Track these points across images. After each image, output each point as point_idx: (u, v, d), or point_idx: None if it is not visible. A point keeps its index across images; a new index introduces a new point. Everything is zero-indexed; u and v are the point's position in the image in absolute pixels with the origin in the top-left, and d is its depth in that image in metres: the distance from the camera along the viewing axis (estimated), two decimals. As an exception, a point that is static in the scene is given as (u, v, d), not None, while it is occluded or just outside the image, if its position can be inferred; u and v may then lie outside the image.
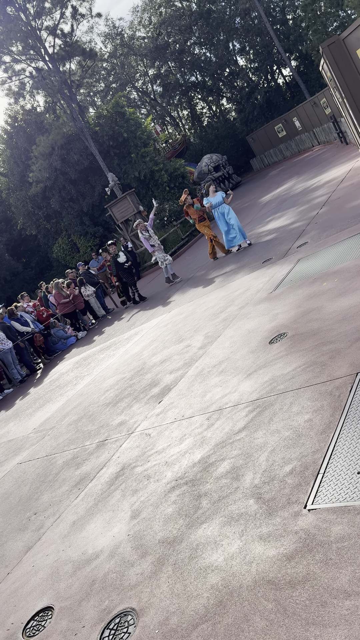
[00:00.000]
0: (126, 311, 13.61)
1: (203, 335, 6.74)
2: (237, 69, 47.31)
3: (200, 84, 49.40)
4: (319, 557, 2.30)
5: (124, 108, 29.12)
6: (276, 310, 5.84)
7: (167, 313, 9.74)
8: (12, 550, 4.23)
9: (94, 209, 30.41)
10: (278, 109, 43.12)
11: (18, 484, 5.70)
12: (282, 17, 43.92)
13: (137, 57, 49.35)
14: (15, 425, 8.52)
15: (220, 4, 44.84)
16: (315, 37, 36.77)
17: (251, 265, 9.23)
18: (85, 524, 3.89)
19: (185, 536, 3.03)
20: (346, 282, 5.32)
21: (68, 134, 29.00)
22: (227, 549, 2.71)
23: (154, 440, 4.59)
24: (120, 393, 6.58)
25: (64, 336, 14.03)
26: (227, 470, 3.40)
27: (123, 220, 22.18)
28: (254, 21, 43.86)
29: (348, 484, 2.62)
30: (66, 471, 5.17)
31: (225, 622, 2.28)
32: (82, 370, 9.49)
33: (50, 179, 29.43)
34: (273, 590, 2.29)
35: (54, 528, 4.14)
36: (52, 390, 9.44)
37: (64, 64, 30.80)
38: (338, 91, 11.18)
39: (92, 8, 31.20)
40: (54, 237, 33.25)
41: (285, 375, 4.17)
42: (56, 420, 7.26)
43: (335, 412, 3.28)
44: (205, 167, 33.50)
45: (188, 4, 46.39)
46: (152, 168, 28.37)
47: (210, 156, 34.17)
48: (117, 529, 3.56)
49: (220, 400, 4.49)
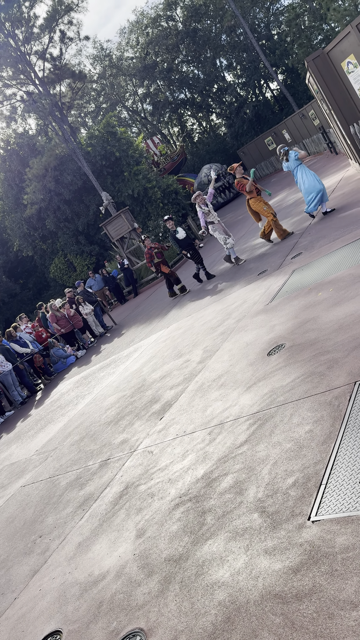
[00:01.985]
0: (125, 328, 13.64)
1: (202, 350, 6.76)
2: (225, 85, 47.97)
3: (189, 100, 50.04)
4: (325, 568, 2.30)
5: (115, 128, 29.47)
6: (273, 322, 5.87)
7: (166, 328, 9.77)
8: (19, 574, 4.20)
9: (89, 228, 30.62)
10: (267, 122, 43.66)
11: (22, 507, 5.67)
12: (267, 33, 44.67)
13: (126, 77, 50.05)
14: (18, 448, 8.49)
15: (205, 22, 45.64)
16: (301, 50, 37.35)
17: (247, 277, 9.28)
18: (91, 545, 3.87)
19: (191, 553, 3.03)
20: (341, 292, 5.36)
21: (61, 155, 29.30)
22: (233, 565, 2.70)
23: (156, 457, 4.59)
24: (121, 411, 6.58)
25: (64, 355, 14.04)
26: (230, 485, 3.40)
27: (118, 238, 22.31)
28: (240, 37, 44.61)
29: (350, 494, 2.63)
30: (70, 492, 5.15)
31: (234, 639, 2.27)
32: (83, 390, 9.48)
33: (44, 200, 29.67)
34: (280, 604, 2.29)
35: (60, 550, 4.11)
36: (53, 411, 9.43)
37: (54, 87, 31.22)
38: (325, 103, 11.35)
39: (80, 32, 31.80)
40: (50, 257, 33.41)
41: (284, 387, 4.19)
42: (58, 441, 7.25)
43: (335, 422, 3.30)
44: (205, 178, 33.47)
45: (174, 24, 47.20)
46: (145, 185, 28.62)
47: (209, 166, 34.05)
48: (123, 548, 3.55)
49: (221, 415, 4.50)
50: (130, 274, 20.47)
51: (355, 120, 10.22)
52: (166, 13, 47.12)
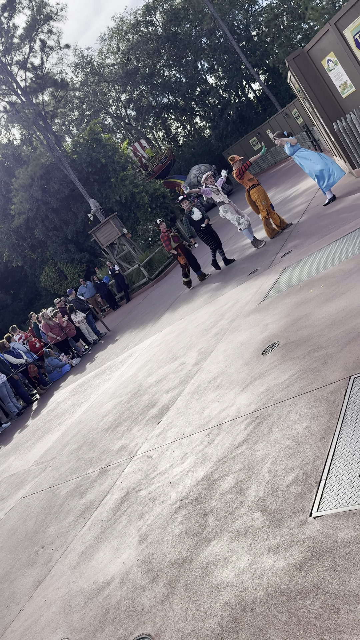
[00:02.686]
0: (119, 334, 13.62)
1: (196, 352, 6.77)
2: (207, 88, 48.16)
3: (172, 104, 50.20)
4: (328, 563, 2.31)
5: (99, 134, 29.49)
6: (266, 321, 5.89)
7: (159, 332, 9.77)
8: (23, 586, 4.18)
9: (78, 235, 30.58)
10: (251, 122, 43.86)
11: (23, 518, 5.64)
12: (247, 34, 44.93)
13: (109, 84, 50.13)
14: (16, 459, 8.45)
15: (185, 26, 45.83)
16: (281, 50, 37.61)
17: (238, 278, 9.30)
18: (94, 553, 3.85)
19: (194, 556, 3.02)
20: (332, 287, 5.38)
21: (46, 164, 29.27)
22: (237, 565, 2.70)
23: (156, 461, 4.58)
24: (118, 417, 6.56)
25: (59, 364, 14.00)
26: (230, 485, 3.40)
27: (108, 244, 22.30)
28: (220, 40, 44.82)
29: (351, 487, 2.64)
30: (70, 501, 5.13)
31: (242, 639, 2.27)
32: (79, 398, 9.45)
33: (32, 210, 29.61)
34: (286, 601, 2.29)
35: (63, 560, 4.09)
36: (50, 421, 9.39)
37: (37, 96, 31.22)
38: (307, 101, 11.42)
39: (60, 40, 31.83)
40: (40, 267, 33.33)
41: (280, 385, 4.20)
42: (56, 450, 7.22)
43: (332, 417, 3.31)
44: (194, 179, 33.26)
45: (154, 29, 47.36)
46: (132, 190, 28.65)
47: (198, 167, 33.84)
48: (126, 554, 3.54)
49: (218, 416, 4.50)
50: (122, 279, 20.46)
51: (337, 117, 10.29)
52: (145, 18, 47.30)
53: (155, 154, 39.23)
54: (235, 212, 10.76)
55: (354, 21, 8.72)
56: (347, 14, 8.77)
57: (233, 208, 10.79)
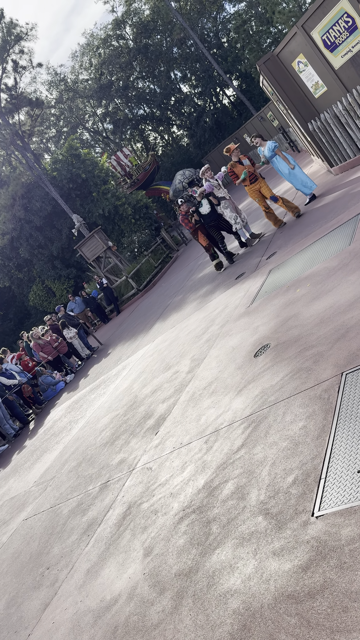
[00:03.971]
0: (111, 347, 13.58)
1: (189, 359, 6.76)
2: (182, 97, 48.53)
3: (149, 115, 50.50)
4: (334, 562, 2.30)
5: (78, 150, 29.56)
6: (256, 323, 5.90)
7: (151, 342, 9.75)
8: (30, 609, 4.12)
9: (64, 251, 30.54)
10: (228, 128, 44.22)
11: (26, 540, 5.58)
12: (217, 41, 45.40)
13: (84, 99, 50.36)
14: (16, 481, 8.37)
15: (155, 37, 46.23)
16: (252, 55, 38.02)
17: (225, 282, 9.33)
18: (100, 570, 3.82)
19: (200, 565, 3.00)
20: (318, 286, 5.41)
21: (27, 183, 29.27)
22: (243, 571, 2.69)
23: (156, 473, 4.56)
24: (116, 431, 6.53)
25: (53, 382, 13.92)
26: (232, 491, 3.39)
27: (94, 258, 22.29)
28: (191, 49, 45.25)
29: (350, 484, 2.64)
30: (73, 520, 5.09)
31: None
32: (75, 414, 9.40)
33: (15, 230, 29.55)
34: (294, 604, 2.28)
35: (69, 580, 4.05)
36: (48, 440, 9.32)
37: (13, 116, 31.27)
38: (281, 103, 11.54)
39: (32, 59, 31.89)
40: (28, 286, 33.20)
41: (274, 386, 4.20)
42: (56, 469, 7.16)
43: (327, 415, 3.31)
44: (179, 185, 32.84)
45: (125, 42, 47.72)
46: (115, 203, 28.70)
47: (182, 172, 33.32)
48: (132, 569, 3.51)
49: (215, 422, 4.49)
50: (111, 292, 20.45)
51: (312, 117, 10.40)
52: (116, 32, 47.65)
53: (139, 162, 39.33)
54: (234, 210, 10.43)
55: (320, 22, 8.85)
56: (314, 16, 8.90)
57: (232, 205, 10.48)
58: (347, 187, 8.50)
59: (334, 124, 9.62)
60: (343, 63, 8.98)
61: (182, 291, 12.39)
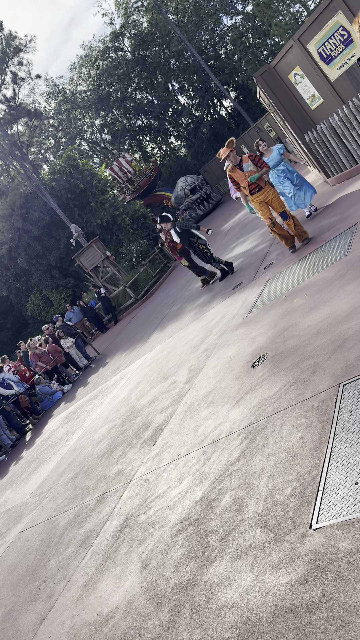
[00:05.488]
0: (109, 356, 13.56)
1: (187, 369, 6.75)
2: (180, 108, 48.89)
3: (146, 126, 50.82)
4: (331, 575, 2.29)
5: (76, 160, 29.70)
6: (254, 334, 5.91)
7: (149, 352, 9.74)
8: (26, 623, 4.08)
9: (62, 261, 30.58)
10: (225, 139, 44.48)
11: (23, 553, 5.53)
12: (214, 53, 45.84)
13: (82, 110, 50.67)
14: (13, 493, 8.31)
15: (153, 49, 46.63)
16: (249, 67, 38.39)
17: (223, 292, 9.35)
18: (97, 584, 3.78)
19: (197, 578, 2.98)
20: (315, 296, 5.43)
21: (25, 193, 29.36)
22: (241, 584, 2.67)
23: (153, 485, 4.53)
24: (113, 442, 6.50)
25: (50, 392, 13.87)
26: (229, 503, 3.37)
27: (92, 267, 22.32)
28: (189, 60, 45.66)
29: (348, 496, 2.63)
30: (70, 532, 5.05)
31: (250, 661, 2.23)
32: (73, 425, 9.36)
33: (14, 239, 29.60)
34: (292, 618, 2.26)
35: (66, 593, 4.01)
36: (45, 450, 9.27)
37: (11, 127, 31.43)
38: (278, 115, 11.64)
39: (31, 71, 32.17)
40: (25, 295, 33.18)
41: (271, 397, 4.20)
42: (53, 480, 7.12)
43: (324, 426, 3.31)
44: (181, 191, 32.15)
45: (123, 54, 48.13)
46: (113, 213, 28.80)
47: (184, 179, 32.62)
48: (129, 582, 3.48)
49: (212, 433, 4.48)
50: (108, 302, 20.45)
51: (308, 129, 10.48)
52: (114, 44, 48.06)
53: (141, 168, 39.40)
54: None
55: (316, 35, 8.95)
56: (310, 29, 9.00)
57: None
58: (344, 198, 8.54)
59: (330, 135, 9.70)
60: (339, 75, 9.07)
61: (180, 301, 12.41)
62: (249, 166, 7.81)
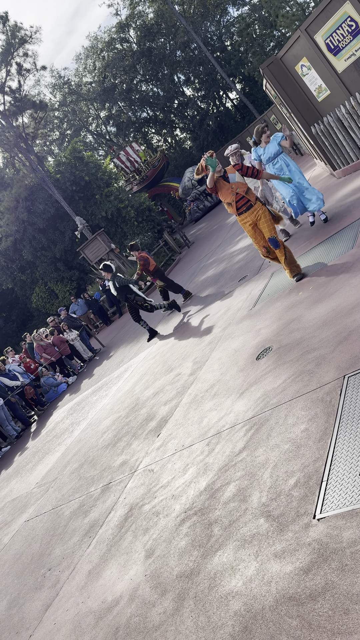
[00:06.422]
0: (113, 349, 13.60)
1: (191, 362, 6.77)
2: (185, 100, 48.64)
3: (152, 118, 50.61)
4: (335, 565, 2.31)
5: (81, 153, 29.63)
6: (258, 326, 5.91)
7: (154, 344, 9.76)
8: (31, 610, 4.13)
9: (66, 253, 30.59)
10: (231, 131, 44.30)
11: (28, 541, 5.59)
12: (220, 45, 45.52)
13: (87, 102, 50.51)
14: (18, 483, 8.38)
15: (159, 40, 46.36)
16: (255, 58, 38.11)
17: (228, 285, 9.34)
18: (101, 572, 3.82)
19: (201, 567, 3.01)
20: (320, 289, 5.42)
21: (30, 185, 29.34)
22: (245, 573, 2.69)
23: (157, 475, 4.56)
24: (118, 433, 6.54)
25: (55, 384, 13.93)
26: (233, 493, 3.39)
27: (97, 260, 22.33)
28: (194, 52, 45.36)
29: (352, 487, 2.64)
30: (74, 521, 5.09)
31: (254, 648, 2.25)
32: (77, 416, 9.41)
33: (19, 232, 29.62)
34: (295, 606, 2.28)
35: (70, 581, 4.06)
36: (50, 441, 9.33)
37: (17, 119, 31.36)
38: (284, 107, 11.57)
39: (36, 62, 32.00)
40: (30, 288, 33.25)
41: (276, 389, 4.21)
42: (57, 471, 7.17)
43: (329, 417, 3.32)
44: (188, 182, 31.94)
45: (128, 45, 47.87)
46: (117, 206, 28.76)
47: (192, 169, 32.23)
48: (134, 571, 3.51)
49: (217, 424, 4.50)
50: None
51: (315, 121, 10.41)
52: (120, 35, 47.81)
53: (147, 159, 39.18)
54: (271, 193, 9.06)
55: (323, 26, 8.87)
56: (317, 20, 8.92)
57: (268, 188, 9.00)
58: (350, 190, 8.50)
59: (337, 128, 9.63)
60: (346, 67, 9.00)
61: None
62: (236, 177, 6.37)
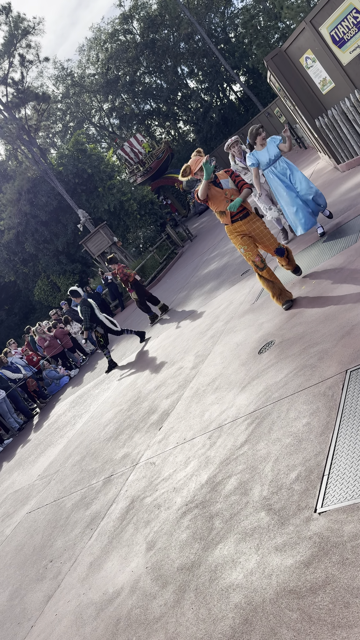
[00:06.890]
0: (115, 342, 13.61)
1: (193, 355, 6.77)
2: (189, 92, 48.36)
3: (155, 111, 50.35)
4: (336, 558, 2.31)
5: (84, 145, 29.52)
6: (261, 320, 5.90)
7: (156, 338, 9.77)
8: (33, 601, 4.16)
9: (69, 246, 30.56)
10: (234, 124, 44.05)
11: (30, 533, 5.62)
12: (224, 37, 45.17)
13: (90, 94, 50.26)
14: (20, 475, 8.41)
15: (163, 32, 46.03)
16: (259, 50, 37.82)
17: (230, 279, 9.32)
18: (103, 564, 3.84)
19: (202, 559, 3.02)
20: (323, 283, 5.41)
21: (33, 177, 29.27)
22: (246, 565, 2.70)
23: (159, 468, 4.57)
24: (119, 425, 6.55)
25: (57, 376, 13.96)
26: (235, 486, 3.40)
27: (99, 253, 22.31)
28: (198, 44, 45.03)
29: (353, 481, 2.64)
30: (76, 513, 5.12)
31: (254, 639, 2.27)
32: (79, 409, 9.43)
33: (21, 224, 29.58)
34: (296, 599, 2.29)
35: (72, 573, 4.08)
36: (52, 434, 9.36)
37: (19, 111, 31.24)
38: (289, 99, 11.49)
39: (39, 53, 31.85)
40: (33, 280, 33.26)
41: (278, 383, 4.21)
42: (59, 463, 7.19)
43: (331, 412, 3.32)
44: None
45: (132, 37, 47.55)
46: (120, 199, 28.68)
47: None
48: (135, 563, 3.53)
49: (218, 418, 4.51)
50: (115, 288, 20.45)
51: (319, 114, 10.35)
52: (123, 27, 47.47)
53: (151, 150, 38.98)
54: (269, 200, 8.38)
55: (329, 18, 8.79)
56: (322, 11, 8.84)
57: (265, 192, 8.28)
58: (354, 184, 8.46)
59: (341, 121, 9.57)
60: (351, 59, 8.92)
61: (187, 287, 12.39)
62: (229, 184, 5.60)
